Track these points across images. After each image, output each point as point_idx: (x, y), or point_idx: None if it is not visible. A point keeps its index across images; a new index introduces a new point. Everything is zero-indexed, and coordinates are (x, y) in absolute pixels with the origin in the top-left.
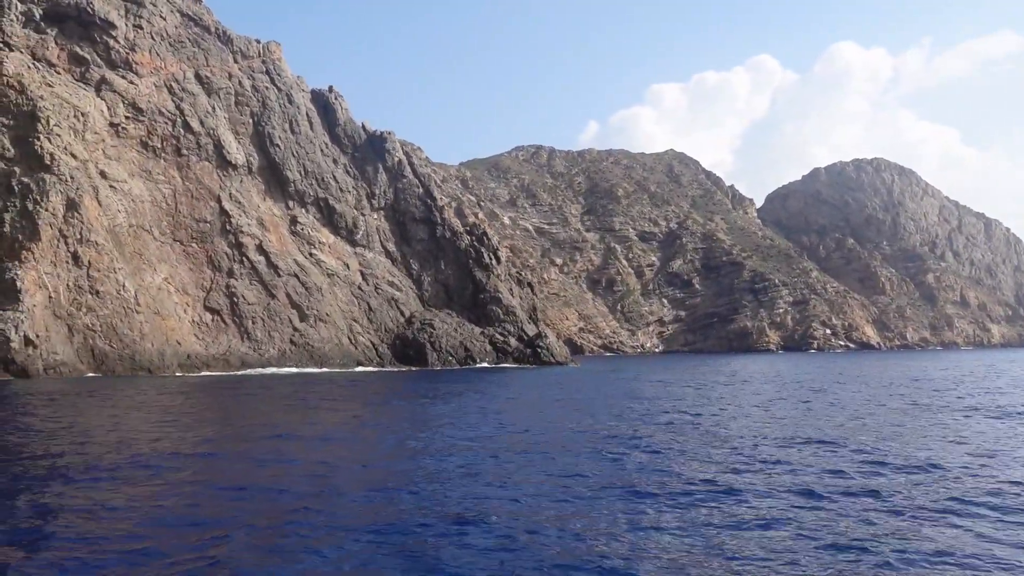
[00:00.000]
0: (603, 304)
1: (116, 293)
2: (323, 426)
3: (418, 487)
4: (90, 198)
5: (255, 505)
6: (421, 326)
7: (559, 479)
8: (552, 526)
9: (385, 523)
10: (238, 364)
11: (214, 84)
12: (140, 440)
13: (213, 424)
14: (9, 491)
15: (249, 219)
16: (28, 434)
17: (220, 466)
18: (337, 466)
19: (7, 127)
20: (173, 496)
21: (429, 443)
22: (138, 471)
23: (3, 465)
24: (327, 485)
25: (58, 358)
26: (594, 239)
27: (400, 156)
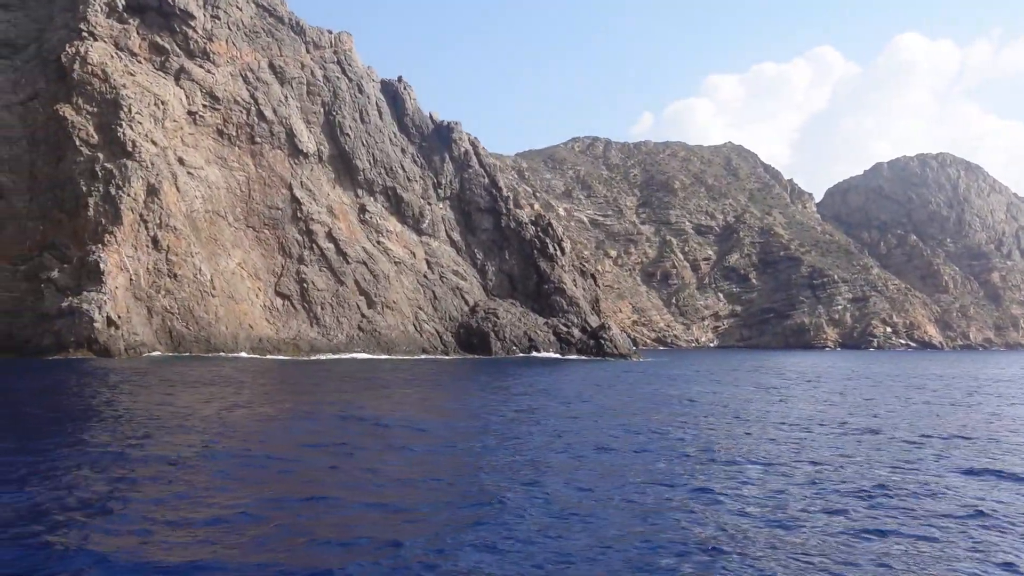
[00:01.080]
0: (657, 297)
1: (193, 277)
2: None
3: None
4: (169, 184)
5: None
6: (485, 315)
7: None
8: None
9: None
10: (307, 349)
11: (287, 74)
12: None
13: (360, 406)
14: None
15: (319, 207)
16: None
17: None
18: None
19: (91, 114)
20: (391, 485)
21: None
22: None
23: (169, 442)
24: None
25: (138, 338)
26: (649, 232)
27: (466, 146)
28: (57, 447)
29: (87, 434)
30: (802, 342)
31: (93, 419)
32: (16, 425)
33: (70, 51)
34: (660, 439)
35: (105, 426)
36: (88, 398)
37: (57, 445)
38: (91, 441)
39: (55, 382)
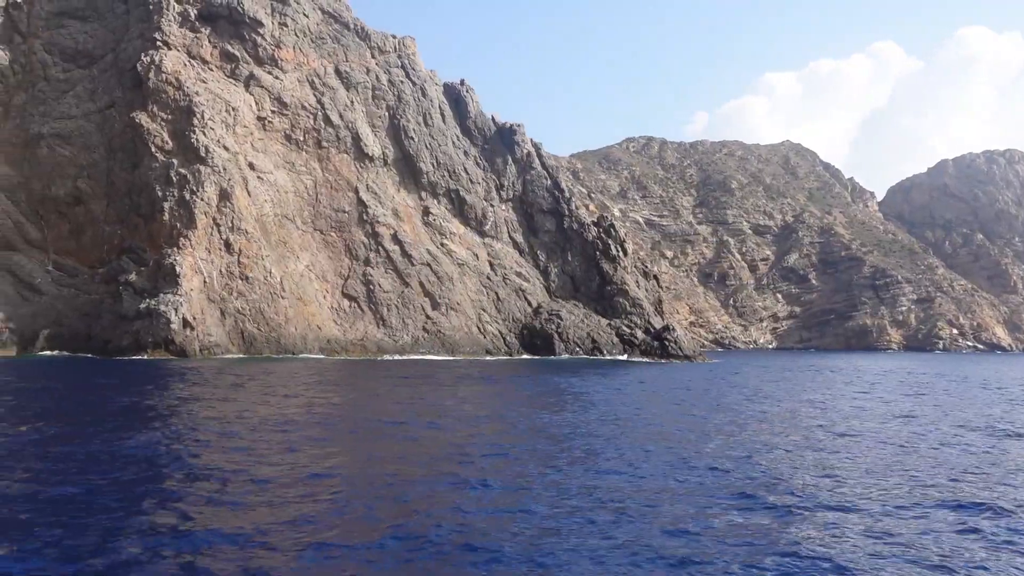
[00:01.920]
0: (715, 298)
1: (263, 279)
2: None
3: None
4: (240, 188)
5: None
6: (548, 316)
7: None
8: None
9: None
10: (374, 349)
11: (353, 78)
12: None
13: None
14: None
15: (385, 209)
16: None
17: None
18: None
19: (166, 121)
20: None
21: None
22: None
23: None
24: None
25: (212, 339)
26: (706, 232)
27: (529, 148)
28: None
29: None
30: (864, 344)
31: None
32: (138, 416)
33: (145, 60)
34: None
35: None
36: (197, 393)
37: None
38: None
39: (163, 380)
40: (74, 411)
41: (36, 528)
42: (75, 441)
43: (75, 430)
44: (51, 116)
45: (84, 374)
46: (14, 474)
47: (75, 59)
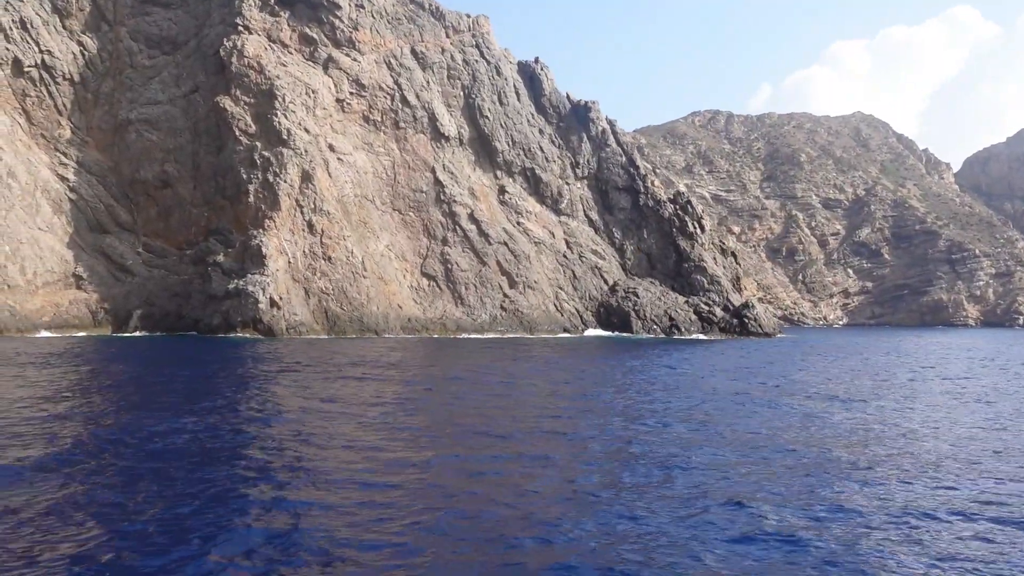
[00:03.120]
0: (783, 274)
1: (345, 259)
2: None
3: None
4: (322, 170)
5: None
6: (625, 294)
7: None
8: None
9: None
10: (453, 328)
11: (428, 59)
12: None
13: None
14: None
15: (461, 189)
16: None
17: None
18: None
19: (249, 105)
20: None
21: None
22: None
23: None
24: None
25: (297, 319)
26: (774, 206)
27: (604, 125)
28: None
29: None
30: (939, 320)
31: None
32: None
33: (227, 45)
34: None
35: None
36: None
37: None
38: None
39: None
40: (184, 385)
41: (139, 497)
42: (185, 416)
43: (183, 404)
44: (138, 102)
45: (186, 351)
46: (126, 447)
47: (160, 46)
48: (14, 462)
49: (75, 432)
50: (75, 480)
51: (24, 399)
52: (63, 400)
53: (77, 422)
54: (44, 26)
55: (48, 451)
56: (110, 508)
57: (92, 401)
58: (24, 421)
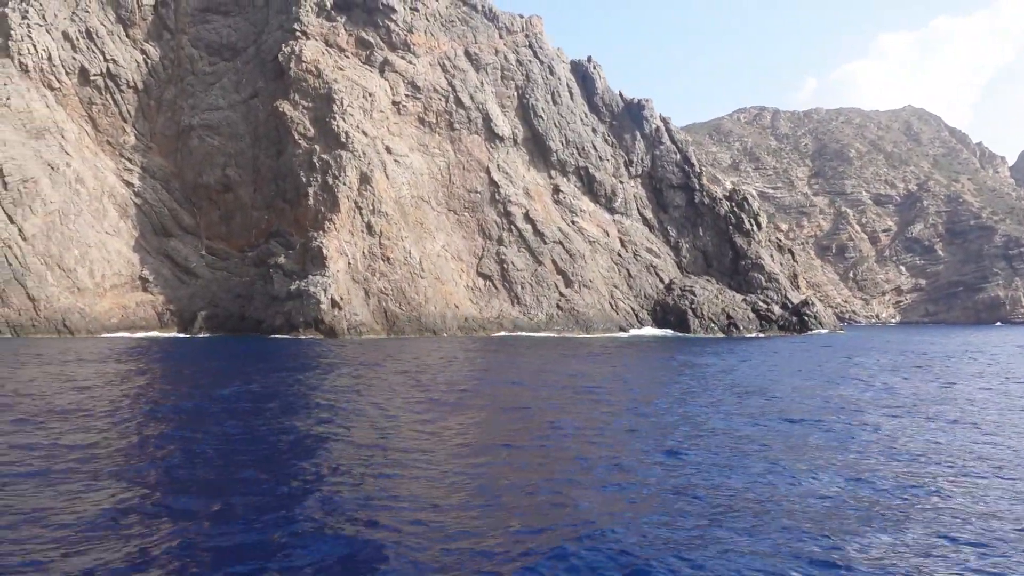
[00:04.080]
0: (833, 271)
1: (404, 260)
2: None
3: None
4: (379, 172)
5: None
6: (681, 292)
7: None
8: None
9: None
10: (510, 327)
11: (482, 60)
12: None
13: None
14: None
15: (516, 189)
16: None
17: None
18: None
19: (307, 109)
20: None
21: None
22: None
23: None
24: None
25: (358, 319)
26: (823, 203)
27: (657, 123)
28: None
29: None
30: (995, 317)
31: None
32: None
33: (286, 50)
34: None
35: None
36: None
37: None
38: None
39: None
40: (260, 383)
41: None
42: (259, 414)
43: (258, 400)
44: (200, 108)
45: (254, 351)
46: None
47: (220, 52)
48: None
49: (156, 423)
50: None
51: (98, 394)
52: (142, 394)
53: (152, 416)
54: (109, 36)
55: (138, 443)
56: (186, 503)
57: (169, 396)
58: (107, 415)
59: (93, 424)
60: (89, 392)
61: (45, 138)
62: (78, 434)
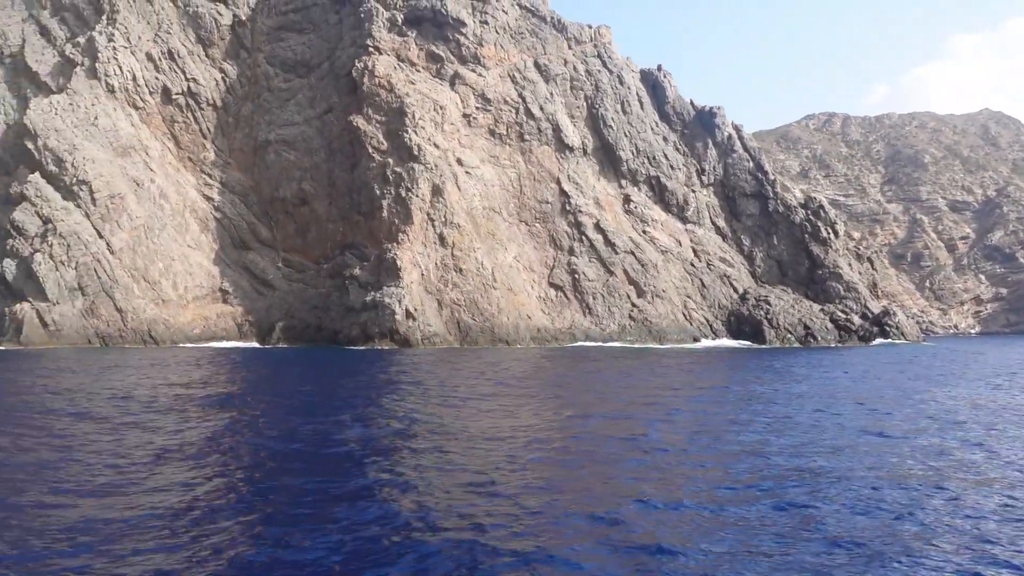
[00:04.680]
0: (908, 281)
1: (476, 271)
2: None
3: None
4: (451, 184)
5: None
6: (756, 302)
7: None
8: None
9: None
10: (582, 337)
11: (551, 71)
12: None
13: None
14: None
15: (586, 199)
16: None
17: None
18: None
19: (380, 123)
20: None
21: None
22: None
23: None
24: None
25: (431, 329)
26: (896, 210)
27: (730, 131)
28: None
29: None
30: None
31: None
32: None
33: (359, 66)
34: None
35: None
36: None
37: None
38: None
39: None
40: (345, 391)
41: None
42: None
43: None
44: (276, 123)
45: (334, 361)
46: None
47: (295, 69)
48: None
49: (237, 431)
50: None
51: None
52: (221, 400)
53: (235, 424)
54: (189, 55)
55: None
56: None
57: (255, 404)
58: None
59: (185, 423)
60: (185, 394)
61: (131, 155)
62: (169, 435)
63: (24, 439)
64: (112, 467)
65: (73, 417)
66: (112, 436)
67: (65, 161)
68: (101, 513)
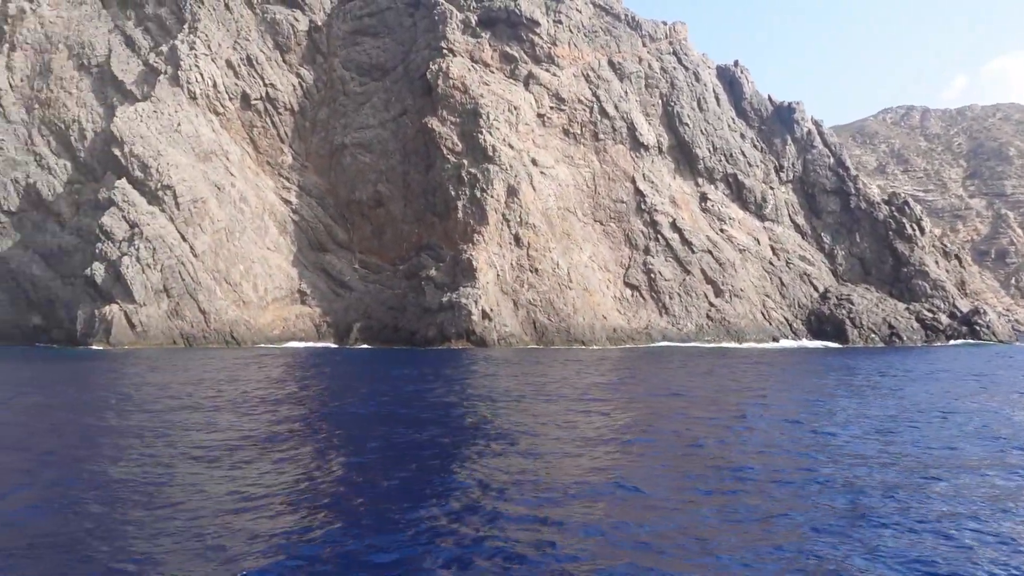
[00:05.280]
0: (992, 279)
1: (551, 271)
2: None
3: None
4: (526, 184)
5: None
6: (838, 302)
7: None
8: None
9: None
10: (658, 337)
11: (626, 69)
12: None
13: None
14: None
15: (662, 198)
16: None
17: None
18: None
19: (455, 124)
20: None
21: None
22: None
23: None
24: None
25: (507, 330)
26: (979, 206)
27: (809, 126)
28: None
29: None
30: None
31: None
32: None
33: (433, 68)
34: None
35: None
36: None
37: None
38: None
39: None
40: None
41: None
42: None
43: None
44: (352, 127)
45: (417, 361)
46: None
47: (370, 73)
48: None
49: (324, 422)
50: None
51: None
52: (316, 395)
53: (324, 417)
54: (267, 61)
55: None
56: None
57: (354, 397)
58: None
59: (275, 417)
60: (272, 391)
61: (212, 160)
62: (260, 426)
63: (129, 419)
64: (215, 450)
65: (184, 408)
66: (215, 425)
67: (150, 167)
68: (216, 487)
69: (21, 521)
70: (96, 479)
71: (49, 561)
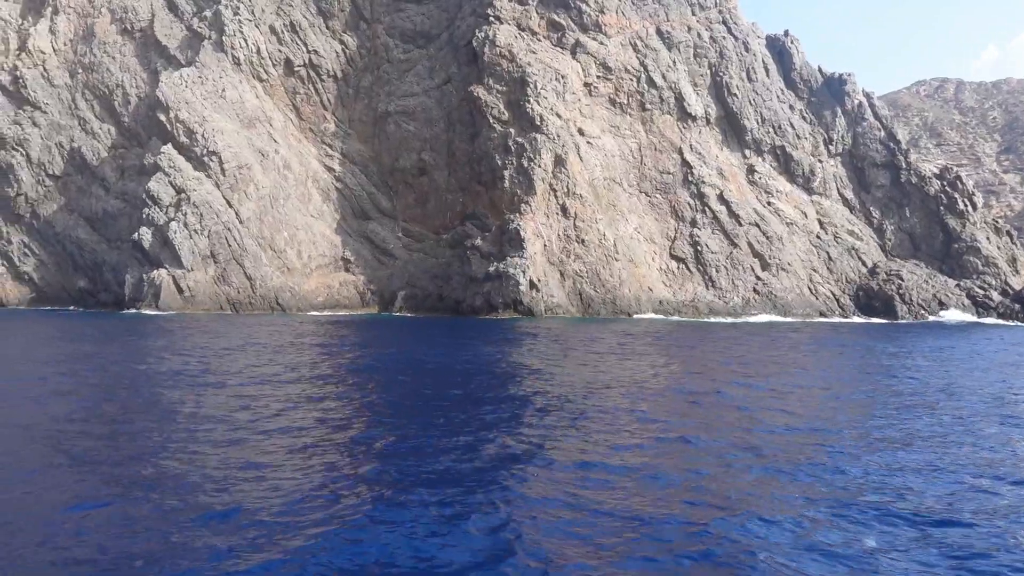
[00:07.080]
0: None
1: (598, 242)
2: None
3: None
4: (573, 154)
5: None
6: (887, 277)
7: None
8: None
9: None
10: (705, 311)
11: (674, 38)
12: None
13: None
14: None
15: (709, 169)
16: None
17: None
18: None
19: (501, 93)
20: None
21: None
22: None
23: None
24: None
25: (554, 300)
26: (1014, 181)
27: (860, 99)
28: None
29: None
30: None
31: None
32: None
33: (479, 36)
34: None
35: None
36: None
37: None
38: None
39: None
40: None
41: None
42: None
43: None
44: (395, 95)
45: (469, 331)
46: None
47: (414, 40)
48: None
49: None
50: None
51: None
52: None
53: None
54: (311, 28)
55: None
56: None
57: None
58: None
59: (322, 383)
60: (328, 356)
61: (255, 127)
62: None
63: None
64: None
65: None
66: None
67: (196, 132)
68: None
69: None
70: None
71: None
